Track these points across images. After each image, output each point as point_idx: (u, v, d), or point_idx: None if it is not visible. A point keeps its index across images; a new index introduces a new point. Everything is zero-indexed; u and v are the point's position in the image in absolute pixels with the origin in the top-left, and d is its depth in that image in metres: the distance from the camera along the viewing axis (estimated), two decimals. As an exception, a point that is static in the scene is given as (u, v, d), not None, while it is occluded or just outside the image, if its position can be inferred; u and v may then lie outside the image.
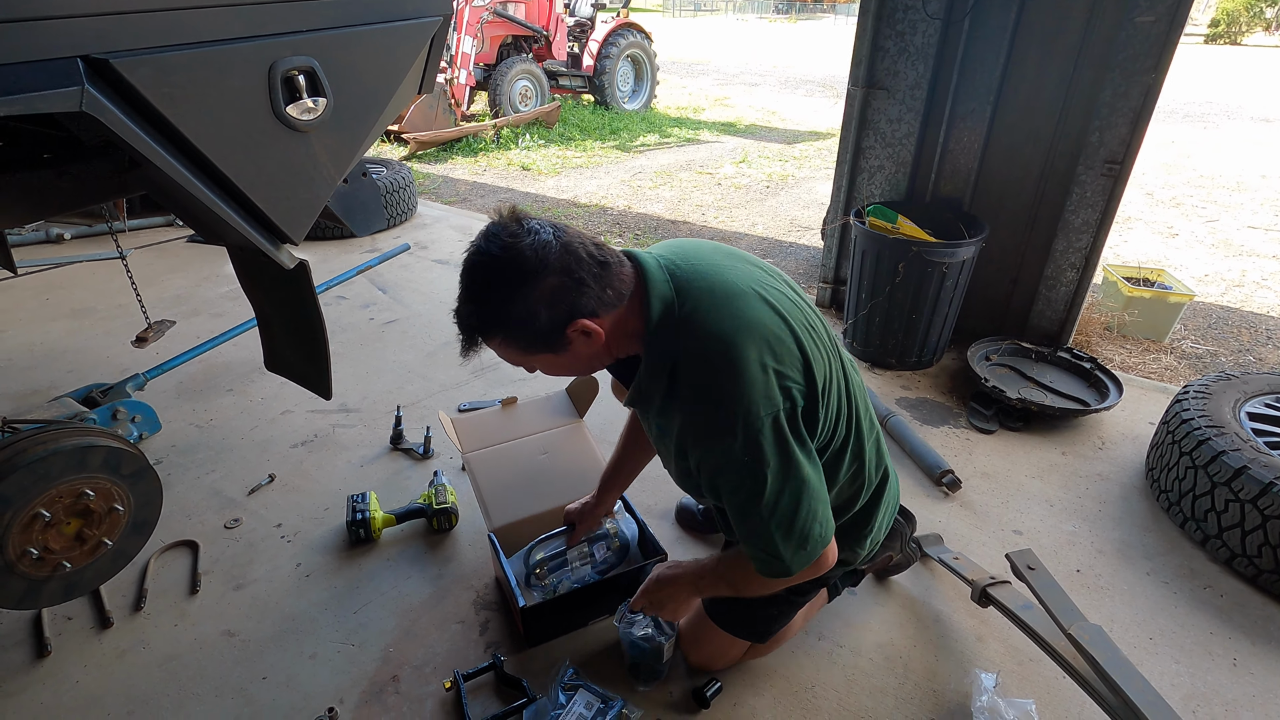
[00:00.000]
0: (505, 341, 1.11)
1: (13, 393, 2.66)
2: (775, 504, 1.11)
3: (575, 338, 1.10)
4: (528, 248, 1.04)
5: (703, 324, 1.11)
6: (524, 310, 1.05)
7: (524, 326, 1.07)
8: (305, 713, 1.53)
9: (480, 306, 1.07)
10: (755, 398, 1.07)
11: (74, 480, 1.46)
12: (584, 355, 1.14)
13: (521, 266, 1.04)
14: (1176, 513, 2.09)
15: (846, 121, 3.18)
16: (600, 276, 1.09)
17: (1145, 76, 2.49)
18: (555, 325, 1.07)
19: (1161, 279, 3.54)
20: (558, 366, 1.18)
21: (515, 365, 1.18)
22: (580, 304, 1.07)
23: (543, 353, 1.12)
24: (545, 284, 1.05)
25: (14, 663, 1.64)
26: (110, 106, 1.15)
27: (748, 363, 1.08)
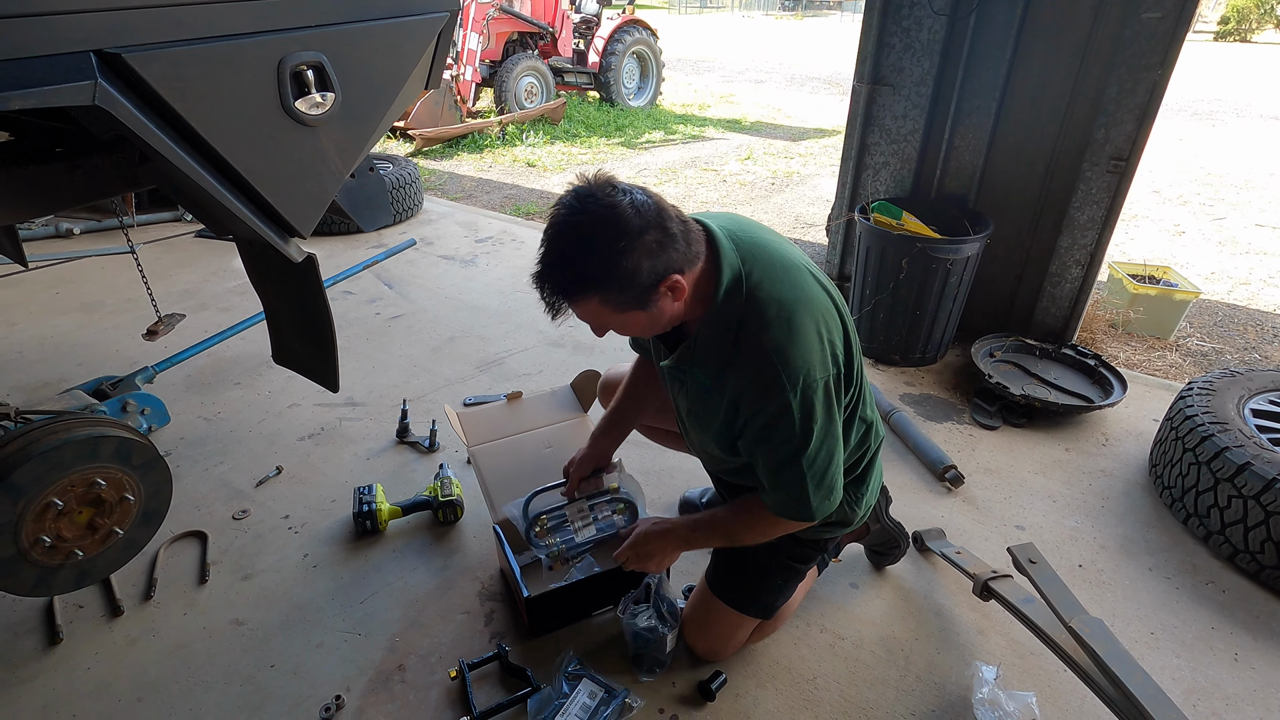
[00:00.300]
0: (602, 301, 1.12)
1: (24, 385, 2.69)
2: (815, 458, 1.23)
3: (664, 294, 1.14)
4: (627, 206, 1.07)
5: (769, 293, 1.18)
6: (629, 266, 1.07)
7: (625, 283, 1.09)
8: (312, 700, 1.56)
9: (580, 266, 1.09)
10: (814, 362, 1.17)
11: (86, 470, 1.48)
12: (665, 313, 1.18)
13: (625, 224, 1.06)
14: (1179, 509, 2.09)
15: (851, 118, 3.18)
16: (685, 234, 1.14)
17: (1151, 73, 2.49)
18: (653, 281, 1.11)
19: (1167, 276, 3.53)
20: (637, 326, 1.20)
21: (597, 326, 1.21)
22: (674, 260, 1.12)
23: (634, 310, 1.14)
24: (647, 240, 1.08)
25: (27, 649, 1.66)
26: (122, 100, 1.17)
27: (808, 331, 1.17)
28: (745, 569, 1.55)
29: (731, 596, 1.56)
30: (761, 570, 1.55)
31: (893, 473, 2.31)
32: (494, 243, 4.41)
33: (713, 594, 1.58)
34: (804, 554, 1.56)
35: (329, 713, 1.52)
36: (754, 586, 1.55)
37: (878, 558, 1.91)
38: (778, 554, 1.54)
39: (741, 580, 1.55)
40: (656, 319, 1.19)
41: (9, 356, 2.88)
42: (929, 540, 1.94)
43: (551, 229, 1.10)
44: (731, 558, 1.58)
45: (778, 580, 1.56)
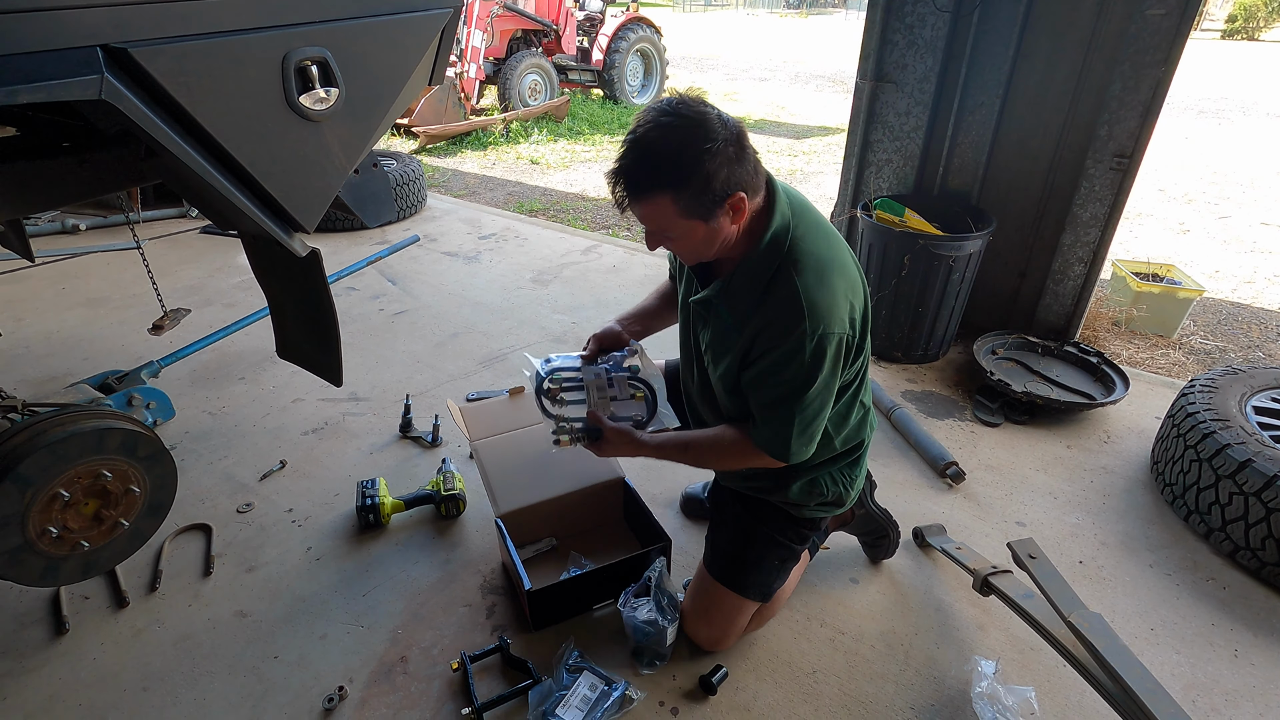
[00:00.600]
0: (673, 200, 1.15)
1: (31, 379, 2.71)
2: (808, 405, 1.29)
3: (727, 211, 1.19)
4: (715, 116, 1.14)
5: (810, 247, 1.26)
6: (709, 169, 1.12)
7: (700, 186, 1.14)
8: (316, 691, 1.57)
9: (663, 162, 1.13)
10: (836, 317, 1.24)
11: (92, 461, 1.49)
12: (720, 233, 1.22)
13: (712, 129, 1.12)
14: (1181, 506, 2.09)
15: (854, 115, 3.18)
16: (756, 164, 1.21)
17: (1155, 70, 2.48)
18: (723, 192, 1.16)
19: (1171, 274, 3.53)
20: (692, 239, 1.23)
21: (655, 230, 1.24)
22: (744, 179, 1.18)
23: (695, 219, 1.19)
24: (728, 150, 1.13)
25: (34, 639, 1.68)
26: (129, 95, 1.18)
27: (837, 288, 1.25)
28: (743, 550, 1.57)
29: (730, 578, 1.57)
30: (759, 552, 1.57)
31: (894, 469, 2.31)
32: (497, 240, 4.42)
33: (712, 578, 1.59)
34: (799, 534, 1.59)
35: (332, 703, 1.53)
36: (752, 567, 1.57)
37: (871, 550, 1.92)
38: (775, 535, 1.56)
39: (739, 562, 1.57)
40: (711, 238, 1.23)
41: (16, 351, 2.90)
42: (929, 536, 1.95)
43: (639, 128, 1.15)
44: (729, 540, 1.60)
45: (774, 560, 1.58)
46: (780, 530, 1.57)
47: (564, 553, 1.91)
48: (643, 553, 1.74)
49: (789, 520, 1.57)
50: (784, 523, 1.57)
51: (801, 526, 1.59)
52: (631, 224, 5.16)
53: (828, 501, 1.55)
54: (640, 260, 4.13)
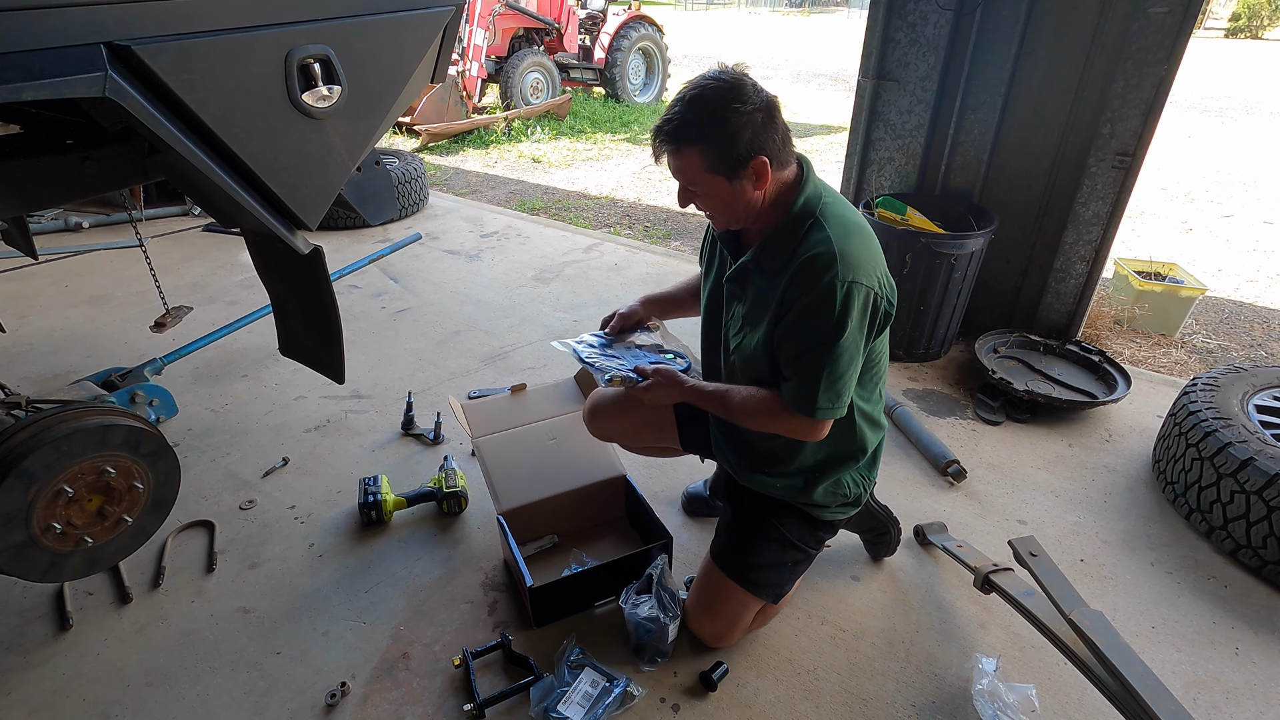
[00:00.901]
0: (701, 152, 1.26)
1: (34, 376, 2.72)
2: (836, 359, 1.30)
3: (750, 173, 1.27)
4: (750, 84, 1.25)
5: (841, 212, 1.34)
6: (733, 126, 1.23)
7: (725, 142, 1.24)
8: (318, 687, 1.57)
9: (695, 116, 1.24)
10: (866, 270, 1.28)
11: (96, 458, 1.49)
12: (744, 195, 1.30)
13: (743, 93, 1.23)
14: (1182, 504, 2.09)
15: (856, 113, 3.17)
16: (785, 138, 1.30)
17: (1158, 68, 2.48)
18: (748, 151, 1.25)
19: (1174, 273, 3.52)
20: (718, 198, 1.32)
21: (685, 184, 1.33)
22: (769, 145, 1.27)
23: (720, 176, 1.28)
24: (755, 114, 1.24)
25: (38, 635, 1.69)
26: (132, 92, 1.18)
27: (867, 246, 1.31)
28: (759, 550, 1.57)
29: (743, 576, 1.56)
30: (776, 553, 1.56)
31: (895, 467, 2.31)
32: (499, 238, 4.43)
33: (723, 574, 1.58)
34: (816, 537, 1.60)
35: (334, 699, 1.54)
36: (767, 568, 1.56)
37: (873, 547, 1.92)
38: (792, 537, 1.56)
39: (754, 560, 1.56)
40: (734, 199, 1.31)
41: (20, 348, 2.91)
42: (930, 534, 1.95)
43: (683, 91, 1.27)
44: (745, 538, 1.59)
45: (789, 562, 1.58)
46: (798, 533, 1.57)
47: (565, 550, 1.92)
48: (644, 550, 1.75)
49: (809, 522, 1.57)
50: (803, 525, 1.57)
51: (819, 529, 1.59)
52: (633, 223, 5.17)
53: (848, 502, 1.56)
54: (641, 259, 4.14)
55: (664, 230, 5.00)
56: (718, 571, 1.59)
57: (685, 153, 1.27)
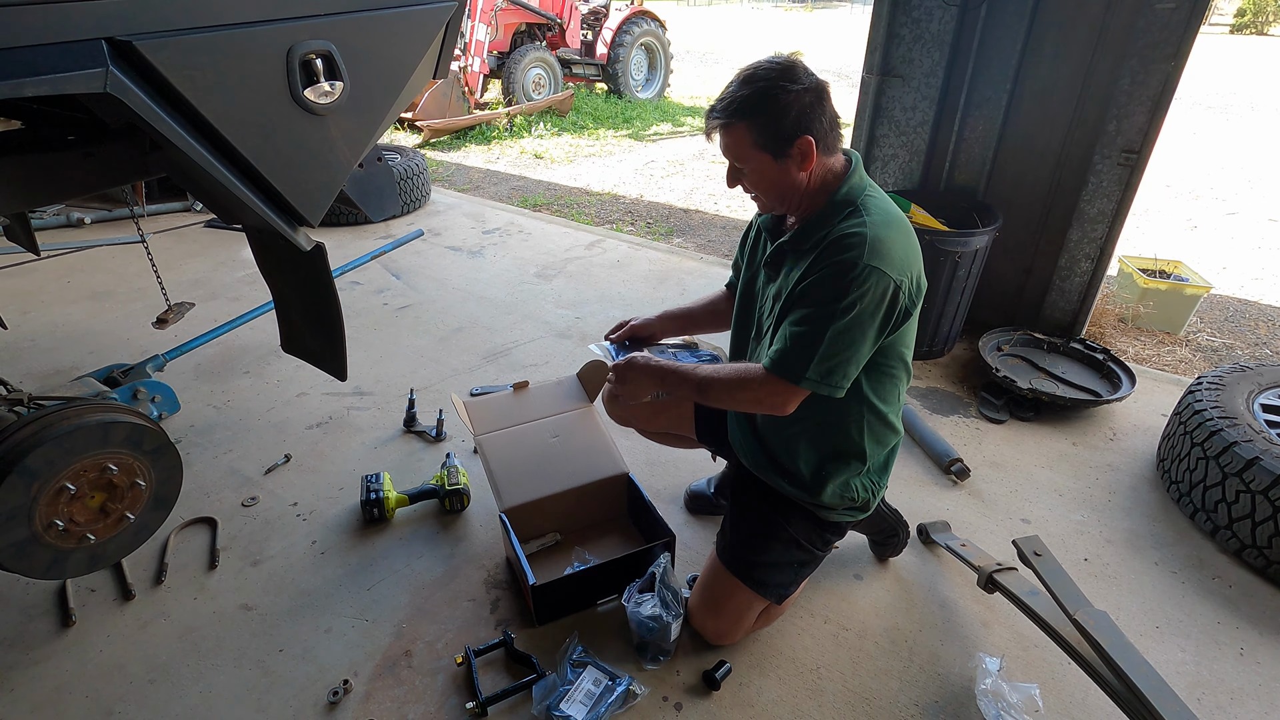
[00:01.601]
0: (749, 128, 1.31)
1: (37, 372, 2.72)
2: (838, 335, 1.29)
3: (796, 153, 1.31)
4: (803, 68, 1.31)
5: (880, 205, 1.35)
6: (782, 104, 1.27)
7: (774, 119, 1.29)
8: (321, 684, 1.57)
9: (747, 93, 1.29)
10: (893, 261, 1.28)
11: (98, 455, 1.49)
12: (788, 174, 1.34)
13: (794, 74, 1.29)
14: (1187, 503, 2.08)
15: (860, 110, 3.16)
16: (834, 124, 1.35)
17: (1164, 64, 2.46)
18: (794, 129, 1.29)
19: (1178, 271, 3.51)
20: (764, 176, 1.36)
21: (733, 161, 1.38)
22: (816, 126, 1.31)
23: (766, 153, 1.32)
24: (805, 95, 1.28)
25: (40, 631, 1.69)
26: (133, 88, 1.18)
27: (899, 242, 1.31)
28: (765, 548, 1.56)
29: (748, 574, 1.55)
30: (781, 552, 1.56)
31: (899, 465, 2.30)
32: (501, 234, 4.42)
33: (728, 572, 1.57)
34: (823, 539, 1.58)
35: (337, 697, 1.54)
36: (773, 567, 1.56)
37: (879, 548, 1.91)
38: (798, 537, 1.56)
39: (760, 559, 1.56)
40: (779, 179, 1.35)
41: (22, 344, 2.91)
42: (934, 533, 1.94)
43: (742, 70, 1.33)
44: (750, 536, 1.58)
45: (795, 563, 1.57)
46: (805, 533, 1.56)
47: (568, 548, 1.91)
48: (647, 548, 1.75)
49: (815, 523, 1.56)
50: (810, 526, 1.56)
51: (826, 530, 1.58)
52: (636, 219, 5.15)
53: (856, 506, 1.55)
54: (644, 255, 4.13)
55: (666, 227, 4.99)
56: (722, 569, 1.59)
57: (735, 128, 1.32)
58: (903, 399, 1.54)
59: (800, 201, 1.39)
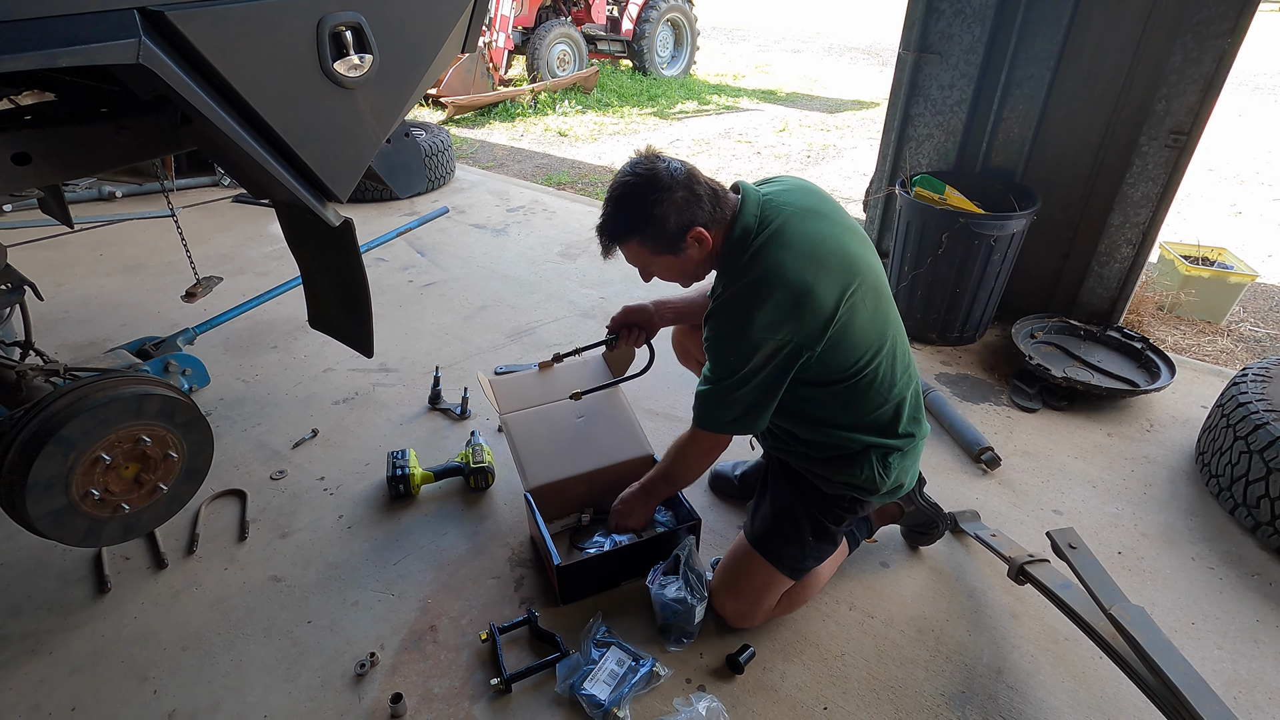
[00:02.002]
0: (640, 242, 1.39)
1: (71, 343, 2.77)
2: (735, 390, 1.39)
3: (691, 244, 1.38)
4: (663, 171, 1.36)
5: (767, 257, 1.35)
6: (659, 215, 1.34)
7: (657, 229, 1.36)
8: (348, 656, 1.60)
9: (624, 214, 1.38)
10: (767, 325, 1.31)
11: (132, 426, 1.51)
12: (694, 260, 1.42)
13: (658, 183, 1.34)
14: (1226, 498, 2.02)
15: (895, 88, 3.07)
16: (713, 198, 1.39)
17: (1220, 41, 2.35)
18: (680, 230, 1.36)
19: (1222, 258, 3.39)
20: (674, 270, 1.46)
21: (641, 268, 1.48)
22: (698, 215, 1.37)
23: (665, 254, 1.40)
24: (675, 197, 1.34)
25: (77, 597, 1.73)
26: (165, 59, 1.17)
27: (777, 301, 1.31)
28: (781, 518, 1.57)
29: (764, 544, 1.57)
30: (795, 522, 1.56)
31: (927, 453, 2.26)
32: (525, 212, 4.39)
33: (747, 544, 1.60)
34: (832, 512, 1.56)
35: (364, 669, 1.56)
36: (787, 538, 1.56)
37: (916, 536, 1.89)
38: (810, 506, 1.56)
39: (775, 529, 1.57)
40: (686, 265, 1.44)
41: (57, 315, 2.96)
42: (963, 522, 1.91)
43: (610, 190, 1.40)
44: (769, 506, 1.60)
45: (808, 534, 1.55)
46: (811, 500, 1.56)
47: (592, 528, 1.91)
48: (672, 530, 1.74)
49: (818, 493, 1.56)
50: (813, 493, 1.56)
51: (832, 504, 1.55)
52: (660, 198, 5.08)
53: (859, 485, 1.51)
54: (669, 235, 4.08)
55: (691, 207, 4.92)
56: (744, 545, 1.61)
57: (629, 245, 1.41)
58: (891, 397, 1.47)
59: (712, 264, 1.47)
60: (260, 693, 1.52)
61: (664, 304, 1.80)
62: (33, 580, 1.77)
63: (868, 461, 1.49)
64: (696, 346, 1.88)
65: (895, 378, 1.47)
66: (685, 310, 1.81)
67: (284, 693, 1.52)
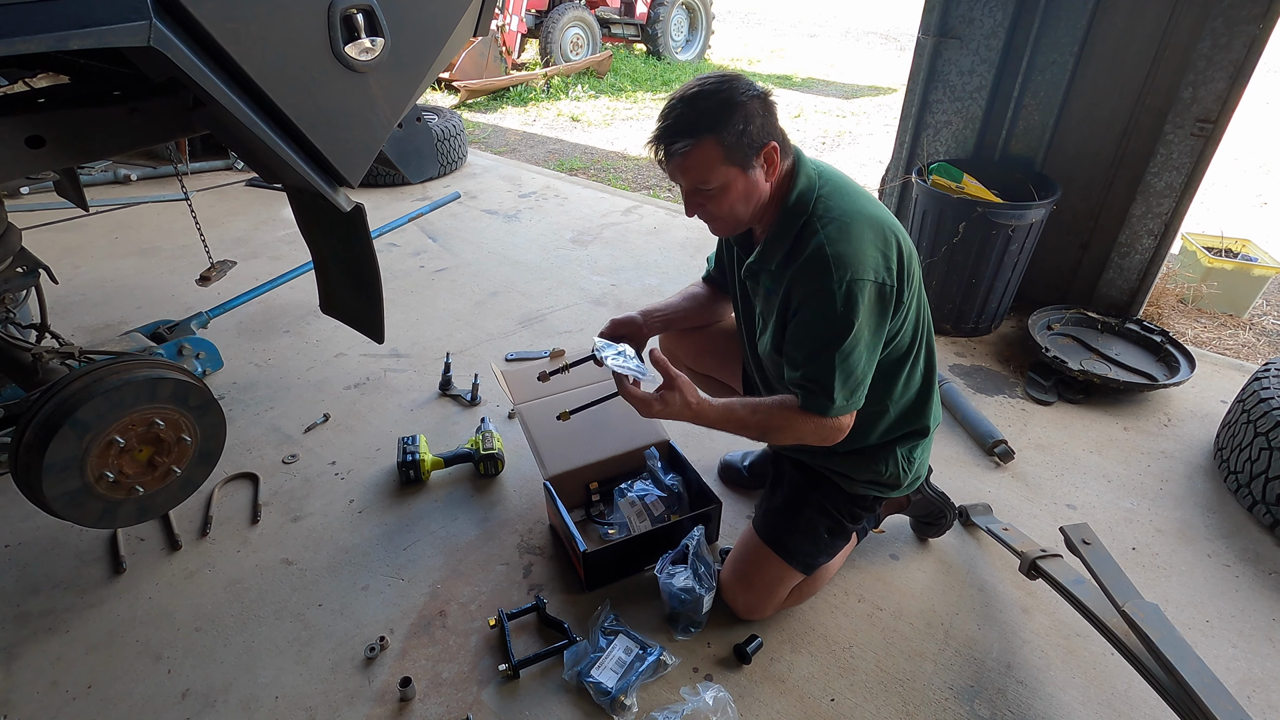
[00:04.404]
0: (716, 142, 1.23)
1: (87, 325, 2.79)
2: (849, 354, 1.27)
3: (762, 163, 1.27)
4: (745, 78, 1.26)
5: (834, 204, 1.30)
6: (742, 114, 1.22)
7: (737, 129, 1.22)
8: (358, 640, 1.61)
9: (701, 110, 1.23)
10: (865, 264, 1.24)
11: (146, 410, 1.52)
12: (756, 188, 1.29)
13: (741, 83, 1.25)
14: (1245, 495, 1.99)
15: (914, 73, 3.01)
16: (783, 131, 1.31)
17: (1251, 26, 2.29)
18: (759, 139, 1.25)
19: (1246, 250, 3.32)
20: (733, 194, 1.28)
21: (698, 184, 1.28)
22: (777, 130, 1.28)
23: (735, 167, 1.25)
24: (755, 105, 1.24)
25: (94, 577, 1.76)
26: (176, 42, 1.16)
27: (863, 237, 1.26)
28: (794, 514, 1.56)
29: (776, 540, 1.56)
30: (809, 518, 1.55)
31: (940, 445, 2.25)
32: (537, 198, 4.38)
33: (760, 540, 1.58)
34: (850, 511, 1.56)
35: (374, 653, 1.57)
36: (800, 534, 1.55)
37: (922, 529, 1.87)
38: (825, 503, 1.55)
39: (788, 525, 1.56)
40: (748, 192, 1.29)
41: (73, 298, 2.99)
42: (975, 515, 1.89)
43: (677, 92, 1.26)
44: (782, 502, 1.59)
45: (822, 531, 1.55)
46: (831, 500, 1.55)
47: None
48: (693, 515, 1.74)
49: (840, 493, 1.55)
50: (835, 493, 1.55)
51: (853, 504, 1.56)
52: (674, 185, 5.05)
53: (882, 482, 1.51)
54: (682, 222, 4.05)
55: (704, 193, 4.88)
56: (755, 539, 1.59)
57: (703, 144, 1.23)
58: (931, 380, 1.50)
59: (761, 213, 1.35)
60: (272, 674, 1.54)
61: (652, 313, 1.70)
62: (50, 559, 1.80)
63: (892, 456, 1.48)
64: (686, 353, 1.86)
65: (935, 360, 1.49)
66: (674, 318, 1.72)
67: (295, 674, 1.54)
